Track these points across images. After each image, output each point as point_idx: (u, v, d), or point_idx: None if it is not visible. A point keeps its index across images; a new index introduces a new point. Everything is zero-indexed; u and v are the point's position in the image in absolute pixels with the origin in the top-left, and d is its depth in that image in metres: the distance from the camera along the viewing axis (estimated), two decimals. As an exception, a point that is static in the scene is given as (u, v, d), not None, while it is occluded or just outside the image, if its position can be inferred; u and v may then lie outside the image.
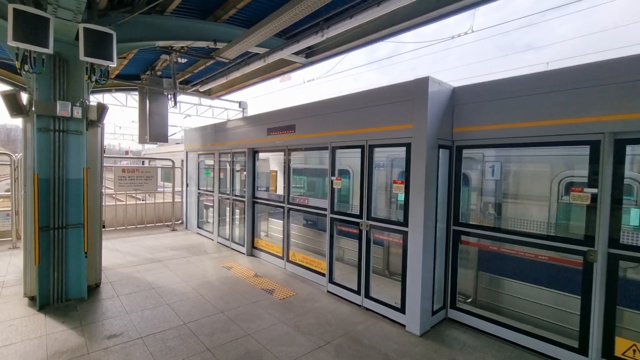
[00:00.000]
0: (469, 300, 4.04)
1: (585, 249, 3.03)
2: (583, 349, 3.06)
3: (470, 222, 3.97)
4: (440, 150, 3.80)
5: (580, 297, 3.10)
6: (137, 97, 8.65)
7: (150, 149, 23.27)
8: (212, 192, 7.80)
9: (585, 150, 3.08)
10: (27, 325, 3.60)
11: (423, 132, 3.58)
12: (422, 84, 3.61)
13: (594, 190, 2.98)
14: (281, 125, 5.65)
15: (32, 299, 4.11)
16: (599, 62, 2.96)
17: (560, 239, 3.21)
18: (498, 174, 4.00)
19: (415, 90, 3.67)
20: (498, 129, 3.54)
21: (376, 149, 4.20)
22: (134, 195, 9.16)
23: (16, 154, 6.76)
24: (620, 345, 2.91)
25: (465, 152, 3.91)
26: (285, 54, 5.52)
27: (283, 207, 5.74)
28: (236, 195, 7.04)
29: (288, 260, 5.69)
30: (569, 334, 3.25)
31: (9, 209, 6.68)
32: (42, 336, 3.39)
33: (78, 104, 4.12)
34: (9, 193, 6.86)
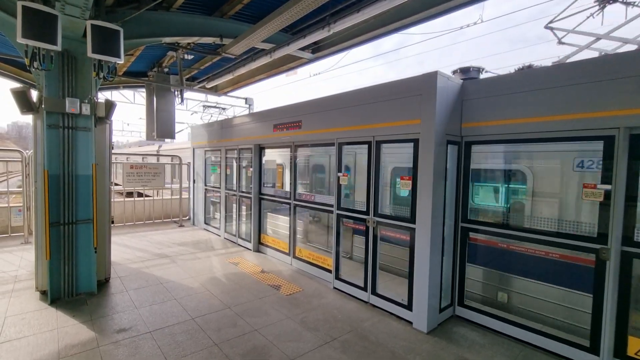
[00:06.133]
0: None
1: (597, 246, 2.96)
2: (594, 348, 3.01)
3: (480, 219, 3.91)
4: (449, 146, 3.75)
5: (592, 296, 3.04)
6: (144, 94, 8.71)
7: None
8: (219, 188, 7.84)
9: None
10: (39, 318, 3.67)
11: (431, 128, 3.53)
12: (430, 78, 3.55)
13: (608, 187, 2.90)
14: (287, 121, 5.64)
15: (43, 293, 4.18)
16: (614, 54, 2.88)
17: (572, 237, 3.15)
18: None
19: (423, 85, 3.61)
20: (508, 124, 3.47)
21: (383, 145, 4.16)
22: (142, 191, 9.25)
23: (27, 151, 6.87)
24: (633, 344, 2.85)
25: (475, 148, 3.85)
26: (292, 49, 5.48)
27: (289, 204, 5.74)
28: (242, 192, 7.06)
29: (294, 257, 5.70)
30: (580, 332, 3.20)
31: (21, 204, 6.80)
32: (54, 330, 3.45)
33: (86, 101, 4.15)
34: (21, 189, 6.98)
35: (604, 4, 4.12)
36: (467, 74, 4.19)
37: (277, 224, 6.72)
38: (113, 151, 5.08)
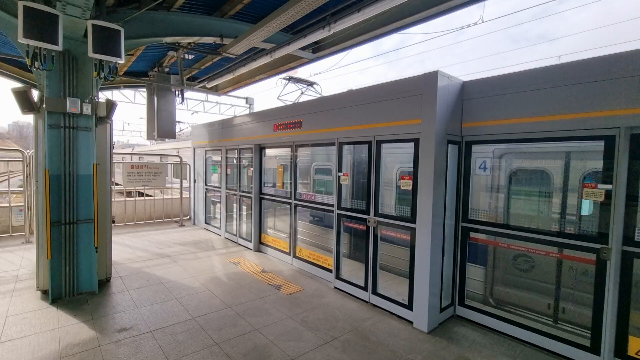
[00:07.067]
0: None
1: (598, 246, 2.96)
2: (595, 348, 3.01)
3: (480, 219, 3.91)
4: (449, 145, 3.75)
5: (592, 295, 3.04)
6: (145, 94, 8.72)
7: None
8: (220, 188, 7.85)
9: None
10: (40, 318, 3.68)
11: (431, 128, 3.53)
12: (431, 78, 3.55)
13: (609, 187, 2.90)
14: (288, 121, 5.64)
15: (44, 292, 4.19)
16: (615, 54, 2.87)
17: (573, 237, 3.15)
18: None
19: (424, 85, 3.61)
20: (509, 124, 3.47)
21: (384, 145, 4.17)
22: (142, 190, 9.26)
23: (28, 151, 6.88)
24: (634, 344, 2.85)
25: (475, 148, 3.85)
26: (292, 49, 5.48)
27: (290, 203, 5.74)
28: (243, 191, 7.07)
29: (295, 256, 5.71)
30: (581, 332, 3.20)
31: (22, 204, 6.82)
32: (55, 329, 3.46)
33: (87, 101, 4.16)
34: (22, 189, 7.00)
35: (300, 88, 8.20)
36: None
37: (278, 224, 6.73)
38: (113, 151, 5.08)
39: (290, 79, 8.05)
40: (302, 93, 8.18)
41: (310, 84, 8.23)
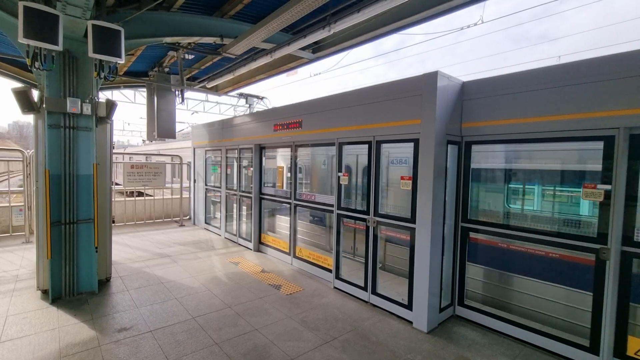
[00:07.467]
0: None
1: (597, 246, 2.97)
2: (594, 348, 3.01)
3: (480, 219, 3.91)
4: (449, 146, 3.75)
5: (592, 295, 3.04)
6: (145, 94, 8.72)
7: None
8: (220, 188, 7.85)
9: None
10: (40, 317, 3.68)
11: (431, 128, 3.53)
12: (430, 78, 3.55)
13: (608, 187, 2.91)
14: (288, 121, 5.65)
15: (44, 292, 4.20)
16: (615, 54, 2.87)
17: (572, 237, 3.15)
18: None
19: (423, 85, 3.62)
20: (508, 124, 3.47)
21: (383, 145, 4.17)
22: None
23: (28, 150, 6.88)
24: (633, 344, 2.86)
25: (475, 148, 3.86)
26: (292, 49, 5.48)
27: (290, 203, 5.74)
28: (243, 191, 7.07)
29: (295, 256, 5.71)
30: (580, 331, 3.20)
31: (22, 204, 6.82)
32: (55, 329, 3.46)
33: (87, 101, 4.16)
34: (22, 189, 7.00)
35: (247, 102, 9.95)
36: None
37: (278, 224, 6.73)
38: (114, 151, 5.09)
39: (241, 95, 9.87)
40: (250, 105, 9.79)
41: (261, 98, 10.20)
